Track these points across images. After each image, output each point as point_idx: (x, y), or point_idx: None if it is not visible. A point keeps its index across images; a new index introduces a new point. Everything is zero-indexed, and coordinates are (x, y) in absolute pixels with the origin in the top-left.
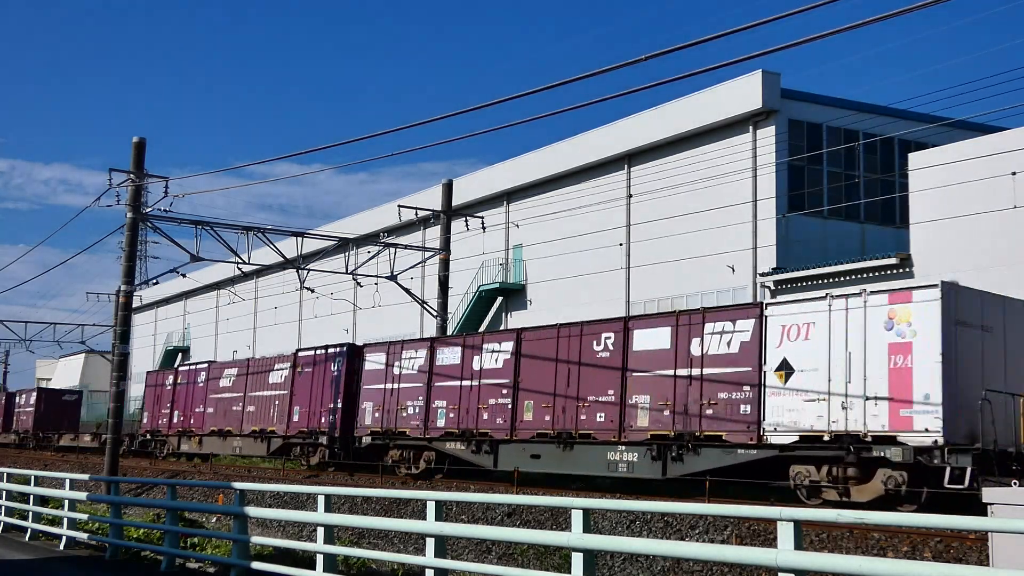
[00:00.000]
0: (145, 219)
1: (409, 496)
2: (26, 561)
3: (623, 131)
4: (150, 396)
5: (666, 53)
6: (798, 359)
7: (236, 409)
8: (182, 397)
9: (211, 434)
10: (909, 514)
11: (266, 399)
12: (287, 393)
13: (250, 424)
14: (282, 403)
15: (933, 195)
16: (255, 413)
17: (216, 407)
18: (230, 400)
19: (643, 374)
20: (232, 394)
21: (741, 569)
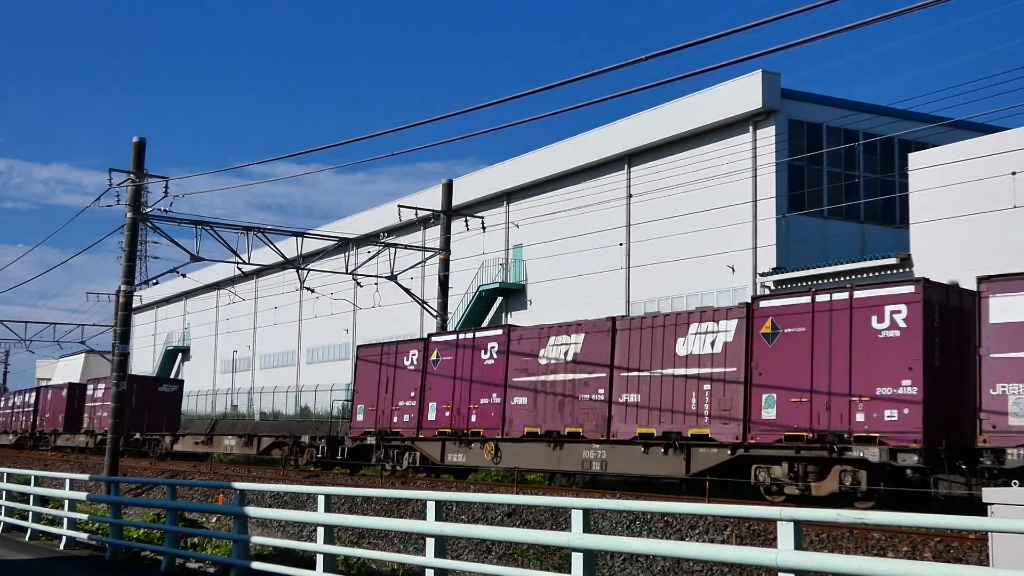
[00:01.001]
0: (145, 219)
1: (409, 496)
2: (26, 561)
3: (623, 131)
4: (370, 378)
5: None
6: None
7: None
8: (447, 382)
9: (528, 438)
10: (909, 514)
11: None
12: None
13: (633, 422)
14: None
15: (933, 195)
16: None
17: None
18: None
19: None
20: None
21: (741, 569)
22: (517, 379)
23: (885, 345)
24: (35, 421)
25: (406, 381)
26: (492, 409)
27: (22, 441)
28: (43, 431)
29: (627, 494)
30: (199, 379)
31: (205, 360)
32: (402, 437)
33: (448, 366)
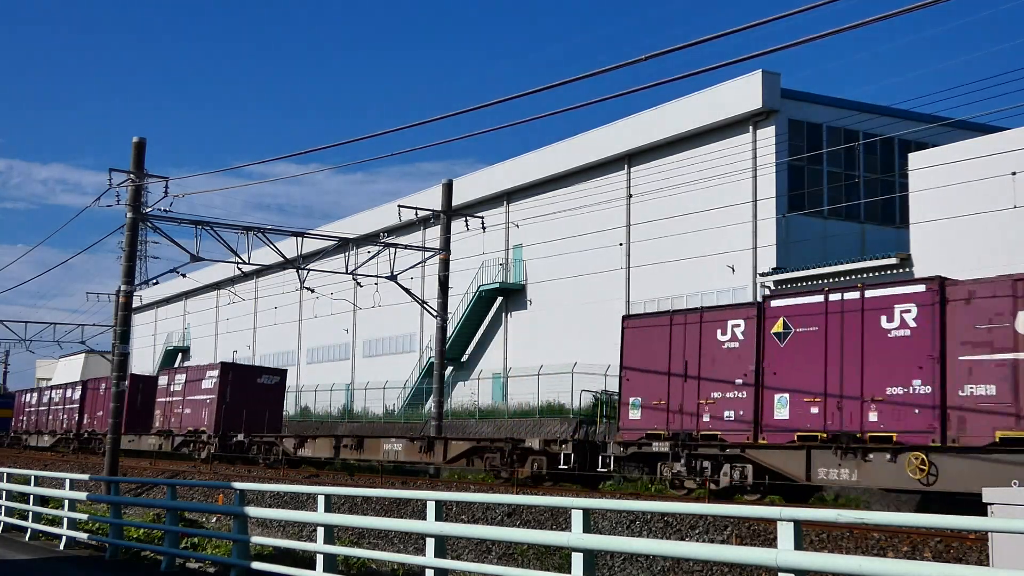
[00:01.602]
0: (145, 219)
1: (409, 496)
2: (26, 561)
3: (623, 131)
4: (651, 361)
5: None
6: None
7: None
8: (811, 361)
9: (999, 447)
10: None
11: None
12: None
13: None
14: None
15: (933, 195)
16: None
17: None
18: None
19: None
20: None
21: (741, 569)
22: (969, 356)
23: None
24: (81, 420)
25: (725, 362)
26: (914, 400)
27: (62, 443)
28: (94, 431)
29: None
30: None
31: (205, 360)
32: (723, 443)
33: (808, 340)
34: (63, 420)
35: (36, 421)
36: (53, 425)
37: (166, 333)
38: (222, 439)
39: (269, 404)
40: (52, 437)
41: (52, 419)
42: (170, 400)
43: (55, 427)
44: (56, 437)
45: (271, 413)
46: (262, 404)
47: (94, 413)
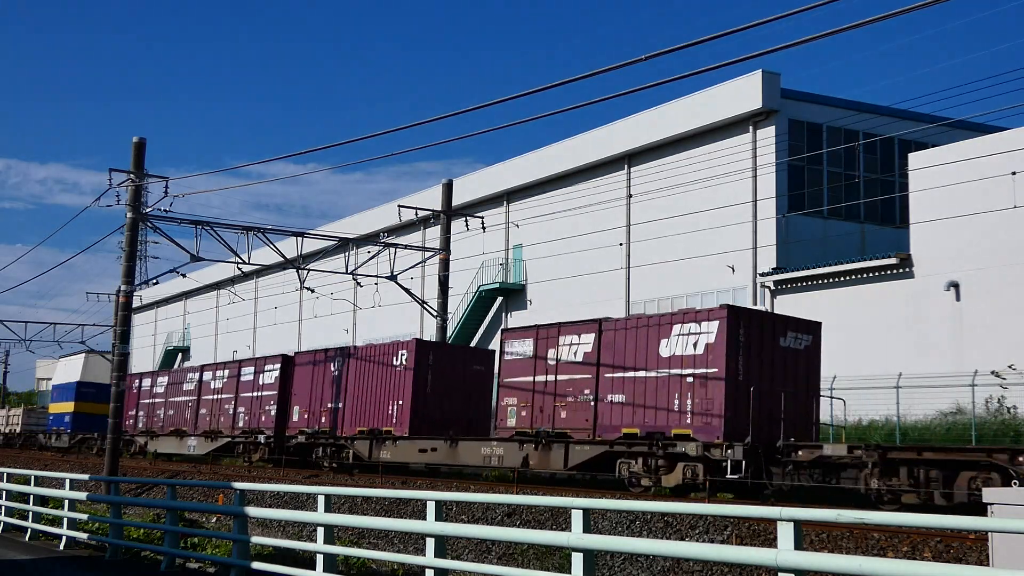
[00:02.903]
0: (145, 219)
1: (409, 496)
2: (26, 561)
3: (623, 131)
4: None
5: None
6: None
7: None
8: None
9: None
10: (909, 514)
11: None
12: None
13: None
14: None
15: (933, 195)
16: None
17: None
18: None
19: None
20: None
21: (741, 569)
22: None
23: None
24: (281, 413)
25: None
26: None
27: (230, 449)
28: (324, 430)
29: (626, 494)
30: None
31: (205, 360)
32: None
33: None
34: (237, 414)
35: (168, 417)
36: (216, 422)
37: (166, 333)
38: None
39: (472, 399)
40: (210, 441)
41: (209, 413)
42: (349, 385)
43: (215, 425)
44: (218, 441)
45: (477, 408)
46: (468, 400)
47: (316, 404)
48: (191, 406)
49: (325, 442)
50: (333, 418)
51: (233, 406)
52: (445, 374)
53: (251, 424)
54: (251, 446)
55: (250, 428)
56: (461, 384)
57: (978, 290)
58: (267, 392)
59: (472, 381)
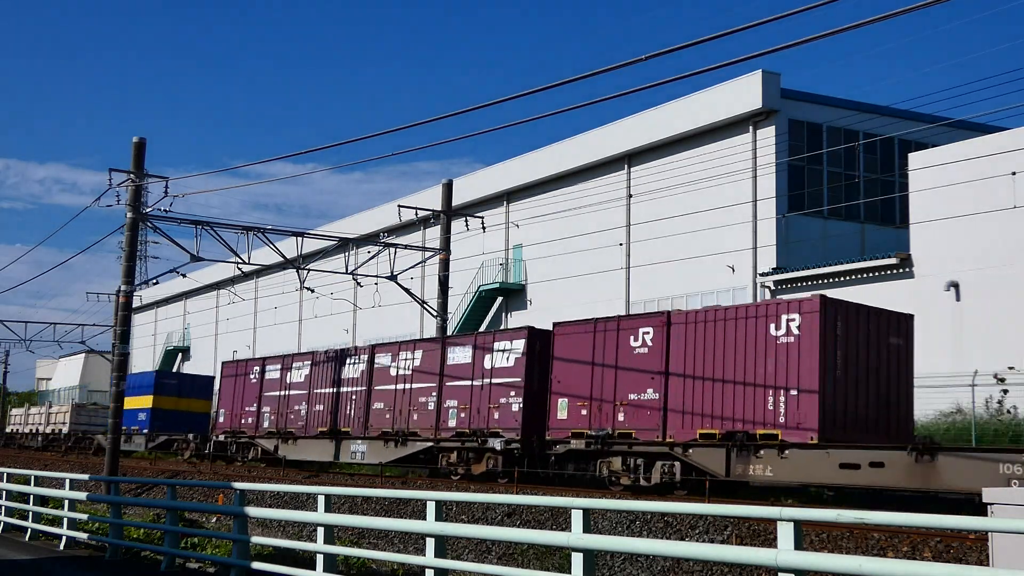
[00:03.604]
0: (145, 219)
1: (409, 496)
2: (26, 561)
3: (623, 131)
4: None
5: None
6: None
7: None
8: None
9: None
10: (909, 514)
11: None
12: None
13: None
14: None
15: (933, 195)
16: None
17: None
18: None
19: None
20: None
21: (741, 569)
22: None
23: None
24: (532, 407)
25: None
26: None
27: (424, 458)
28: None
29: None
30: None
31: (205, 360)
32: None
33: None
34: (446, 409)
35: (316, 413)
36: (392, 420)
37: (166, 333)
38: None
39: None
40: (392, 446)
41: (388, 408)
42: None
43: (401, 423)
44: (408, 446)
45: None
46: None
47: (606, 392)
48: (355, 399)
49: (632, 450)
50: (660, 416)
51: (437, 398)
52: (858, 349)
53: (473, 423)
54: (472, 453)
55: (472, 428)
56: (877, 365)
57: (978, 290)
58: (503, 379)
59: (889, 360)
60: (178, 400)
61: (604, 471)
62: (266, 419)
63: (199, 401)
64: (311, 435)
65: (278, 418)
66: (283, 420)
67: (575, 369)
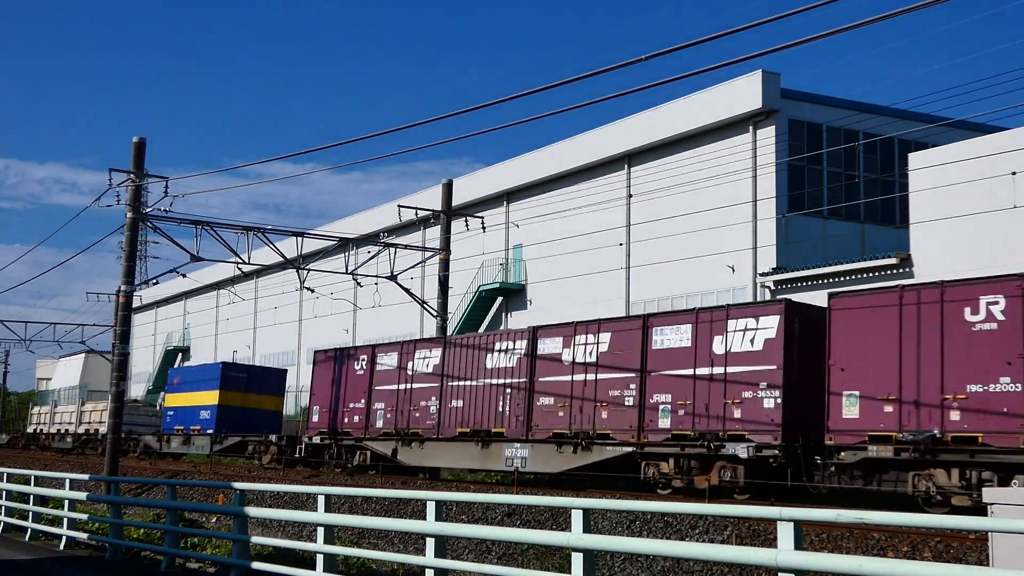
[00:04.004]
0: (145, 219)
1: (409, 496)
2: (26, 561)
3: (623, 131)
4: None
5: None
6: None
7: None
8: None
9: None
10: (909, 514)
11: None
12: None
13: None
14: None
15: (933, 195)
16: None
17: None
18: None
19: None
20: None
21: (741, 569)
22: None
23: None
24: (795, 400)
25: None
26: None
27: (614, 466)
28: None
29: (626, 494)
30: None
31: (205, 360)
32: None
33: None
34: (654, 406)
35: (453, 411)
36: (570, 420)
37: (166, 333)
38: None
39: None
40: (572, 452)
41: (563, 405)
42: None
43: (580, 423)
44: (593, 451)
45: None
46: None
47: (922, 380)
48: (511, 393)
49: (975, 460)
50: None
51: (639, 392)
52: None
53: (699, 424)
54: (696, 461)
55: (698, 431)
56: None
57: None
58: (747, 367)
59: None
60: (246, 396)
61: (925, 487)
62: (379, 417)
63: (270, 398)
64: (446, 437)
65: (397, 416)
66: (404, 418)
67: (870, 352)
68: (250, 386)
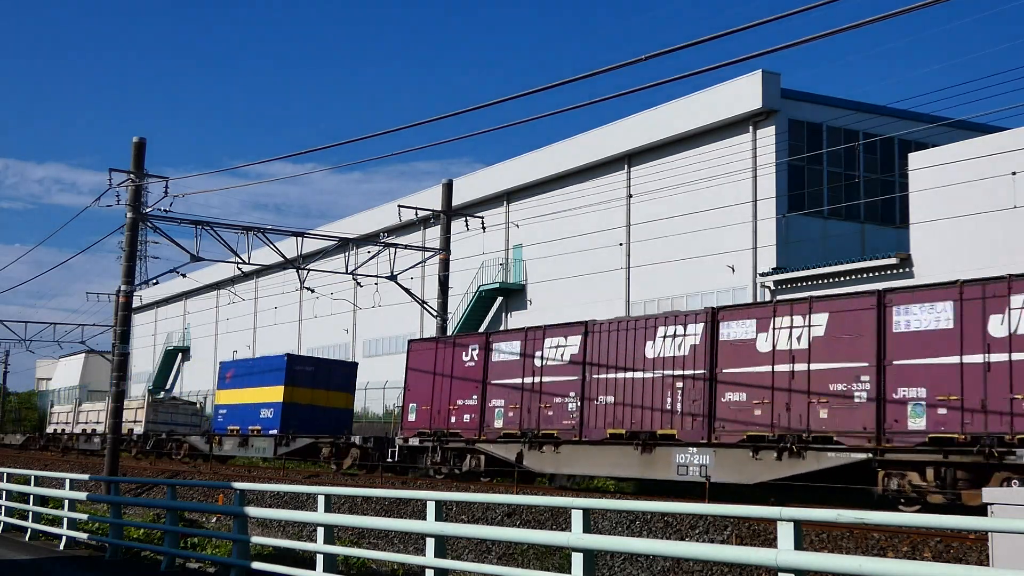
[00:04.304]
0: (145, 219)
1: (409, 496)
2: (26, 561)
3: (623, 131)
4: None
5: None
6: None
7: None
8: None
9: None
10: (909, 514)
11: None
12: None
13: None
14: None
15: (933, 195)
16: None
17: None
18: None
19: None
20: None
21: (741, 569)
22: None
23: None
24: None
25: None
26: None
27: None
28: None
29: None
30: (199, 379)
31: (205, 360)
32: None
33: None
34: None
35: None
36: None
37: (166, 333)
38: None
39: None
40: (784, 461)
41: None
42: None
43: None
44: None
45: None
46: None
47: None
48: (682, 387)
49: None
50: None
51: (875, 383)
52: None
53: (968, 424)
54: (966, 471)
55: (969, 434)
56: None
57: None
58: None
59: None
60: (314, 392)
61: None
62: (498, 416)
63: (340, 394)
64: (592, 439)
65: (522, 415)
66: (532, 418)
67: None
68: (318, 381)
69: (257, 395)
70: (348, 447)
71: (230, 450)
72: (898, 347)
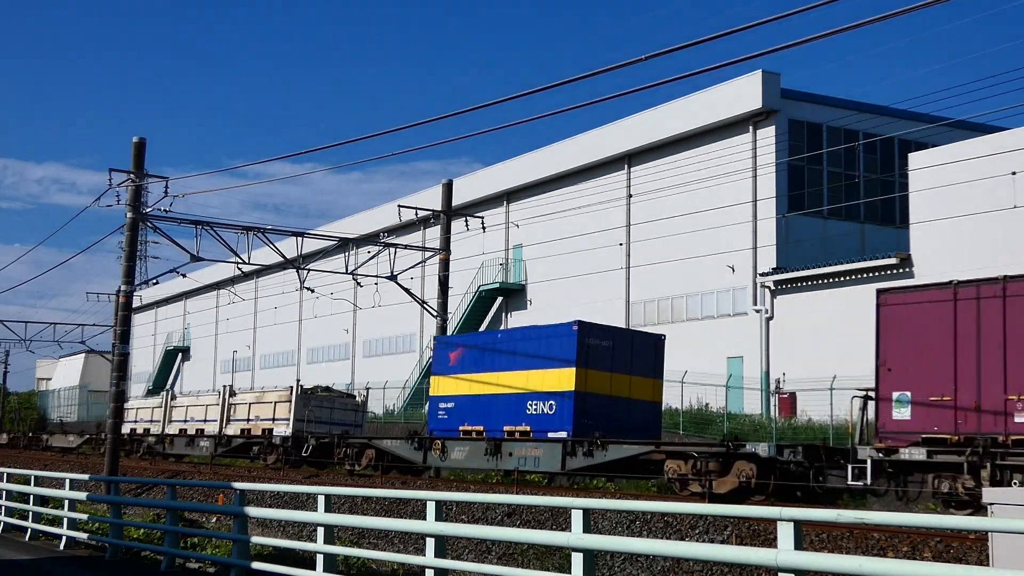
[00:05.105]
0: (145, 219)
1: (409, 496)
2: (26, 561)
3: (623, 131)
4: None
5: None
6: None
7: None
8: None
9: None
10: (909, 514)
11: None
12: None
13: None
14: None
15: (933, 195)
16: None
17: None
18: None
19: None
20: None
21: (741, 569)
22: None
23: None
24: None
25: None
26: None
27: None
28: None
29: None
30: (199, 379)
31: (205, 360)
32: None
33: None
34: None
35: None
36: None
37: (166, 333)
38: None
39: None
40: None
41: None
42: None
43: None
44: None
45: None
46: None
47: None
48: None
49: None
50: None
51: None
52: None
53: None
54: None
55: None
56: None
57: None
58: None
59: None
60: (614, 378)
61: None
62: None
63: (645, 380)
64: None
65: None
66: None
67: None
68: (617, 362)
69: (522, 380)
70: (723, 459)
71: (462, 460)
72: None
